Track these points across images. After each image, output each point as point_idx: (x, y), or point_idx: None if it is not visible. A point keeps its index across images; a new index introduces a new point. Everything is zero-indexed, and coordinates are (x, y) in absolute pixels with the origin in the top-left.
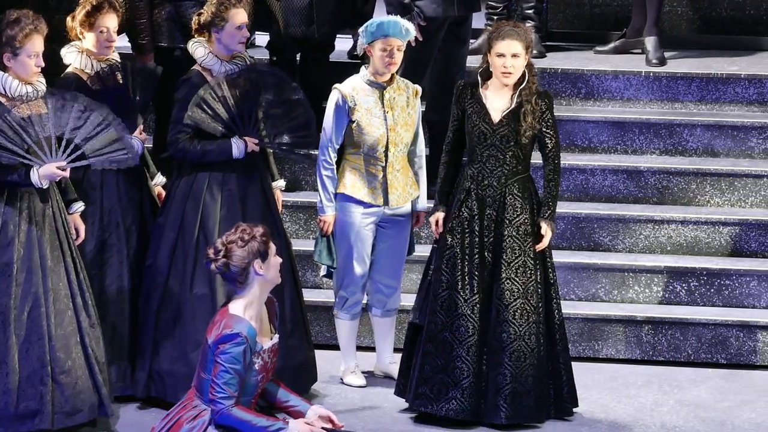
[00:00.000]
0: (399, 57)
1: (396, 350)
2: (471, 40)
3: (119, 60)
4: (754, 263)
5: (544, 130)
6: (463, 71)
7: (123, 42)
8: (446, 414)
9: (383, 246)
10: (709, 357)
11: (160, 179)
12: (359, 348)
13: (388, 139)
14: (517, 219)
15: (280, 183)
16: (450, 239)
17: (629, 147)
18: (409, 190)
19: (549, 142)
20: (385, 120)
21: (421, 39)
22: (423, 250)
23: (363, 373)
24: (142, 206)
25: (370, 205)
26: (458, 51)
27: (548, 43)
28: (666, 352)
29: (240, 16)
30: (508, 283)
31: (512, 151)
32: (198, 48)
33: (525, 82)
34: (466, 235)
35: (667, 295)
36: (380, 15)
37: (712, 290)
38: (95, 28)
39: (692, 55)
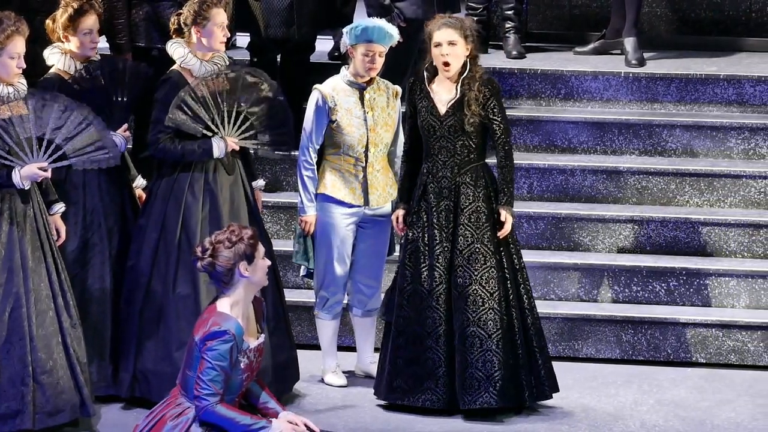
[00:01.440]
0: (380, 62)
1: (377, 350)
2: None
3: (102, 59)
4: (734, 263)
5: (491, 116)
6: None
7: (101, 42)
8: (423, 405)
9: (363, 246)
10: (689, 356)
11: (140, 182)
12: (340, 348)
13: (368, 139)
14: (469, 207)
15: (260, 183)
16: (411, 234)
17: (609, 147)
18: (389, 191)
19: (497, 129)
20: (365, 120)
21: (401, 40)
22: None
23: (344, 372)
24: (124, 207)
25: (351, 206)
26: None
27: (528, 44)
28: (646, 352)
29: (221, 15)
30: (460, 271)
31: (461, 141)
32: (178, 48)
33: (467, 71)
34: (426, 228)
35: (646, 295)
36: (361, 16)
37: (692, 290)
38: (79, 31)
39: (671, 56)
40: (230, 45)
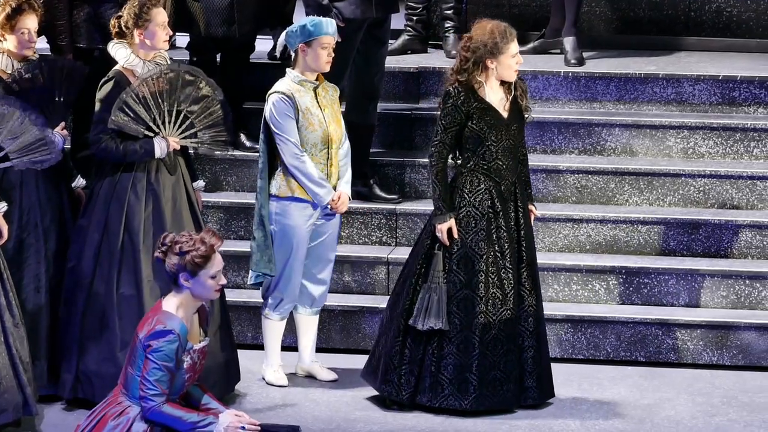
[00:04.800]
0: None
1: (320, 350)
2: (390, 41)
3: (40, 58)
4: (673, 262)
5: (527, 107)
6: (383, 73)
7: (41, 44)
8: (506, 407)
9: (315, 245)
10: (629, 355)
11: (79, 182)
12: (281, 348)
13: (328, 136)
14: (525, 208)
15: (201, 184)
16: (487, 247)
17: (548, 147)
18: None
19: (525, 123)
20: (324, 118)
21: (340, 40)
22: (342, 250)
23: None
24: (62, 206)
25: (316, 205)
26: (377, 52)
27: None
28: (585, 351)
29: (162, 15)
30: (528, 269)
31: (519, 140)
32: (120, 49)
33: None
34: (493, 232)
35: (586, 294)
36: (300, 16)
37: (631, 289)
38: (16, 30)
39: (610, 55)
40: (170, 45)
